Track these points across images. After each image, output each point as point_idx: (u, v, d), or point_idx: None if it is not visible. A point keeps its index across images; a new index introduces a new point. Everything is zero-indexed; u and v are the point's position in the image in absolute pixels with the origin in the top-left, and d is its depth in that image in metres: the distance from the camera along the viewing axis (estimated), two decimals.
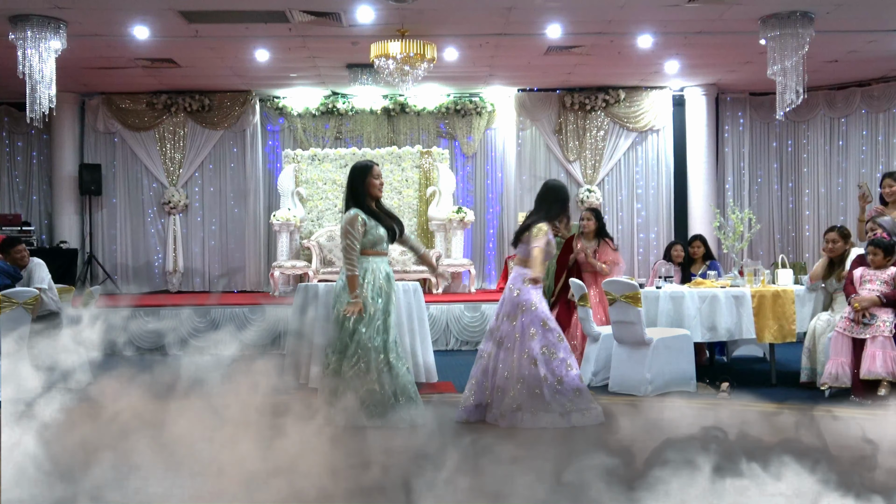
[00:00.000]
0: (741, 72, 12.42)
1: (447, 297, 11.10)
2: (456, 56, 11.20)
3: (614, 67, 12.25)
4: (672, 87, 13.60)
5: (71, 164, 13.36)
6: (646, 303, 7.20)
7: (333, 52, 11.14)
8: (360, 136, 13.68)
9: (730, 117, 13.97)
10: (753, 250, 13.60)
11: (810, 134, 13.80)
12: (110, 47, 10.68)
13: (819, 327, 7.03)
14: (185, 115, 13.51)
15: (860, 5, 9.35)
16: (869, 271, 6.70)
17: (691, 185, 13.56)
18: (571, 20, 9.91)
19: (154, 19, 9.65)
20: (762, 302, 7.23)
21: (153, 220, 13.69)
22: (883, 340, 6.33)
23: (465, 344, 10.26)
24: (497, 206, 13.93)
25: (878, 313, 6.45)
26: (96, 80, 12.49)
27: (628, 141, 13.80)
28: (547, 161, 13.81)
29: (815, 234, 13.55)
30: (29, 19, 9.20)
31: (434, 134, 13.76)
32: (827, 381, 6.56)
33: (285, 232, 12.04)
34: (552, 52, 11.23)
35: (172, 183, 13.55)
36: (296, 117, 13.68)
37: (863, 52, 11.36)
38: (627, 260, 13.88)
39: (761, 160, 14.08)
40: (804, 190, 13.87)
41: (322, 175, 12.50)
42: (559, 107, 13.69)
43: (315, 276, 11.35)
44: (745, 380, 7.54)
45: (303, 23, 9.72)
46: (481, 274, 13.69)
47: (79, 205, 13.43)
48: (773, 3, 9.27)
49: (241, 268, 13.65)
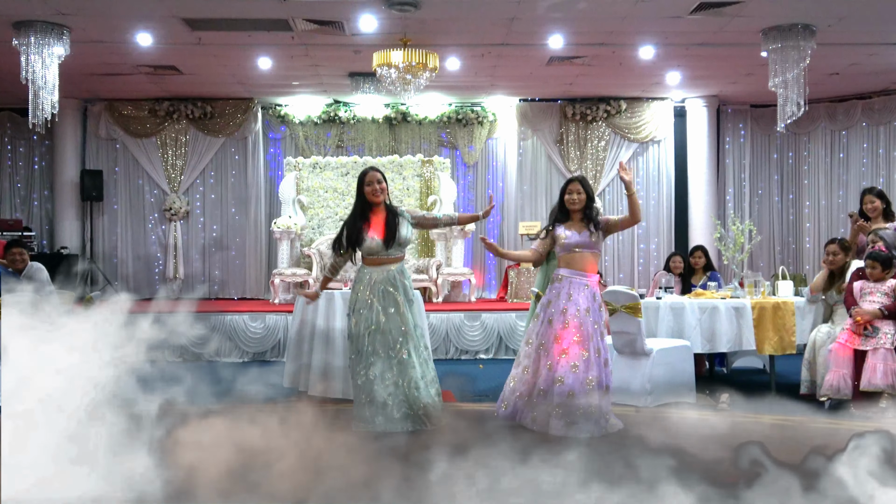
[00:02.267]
0: (742, 83, 12.45)
1: (447, 305, 11.09)
2: (458, 66, 11.23)
3: (616, 78, 12.27)
4: (673, 99, 13.63)
5: (72, 169, 13.38)
6: (646, 313, 7.20)
7: (336, 61, 11.17)
8: (362, 144, 13.70)
9: (731, 129, 13.99)
10: (754, 262, 13.61)
11: (811, 146, 13.82)
12: (113, 54, 10.70)
13: (819, 339, 7.04)
14: (188, 122, 13.53)
15: (862, 19, 9.37)
16: (869, 284, 6.71)
17: (692, 196, 13.58)
18: (573, 31, 9.94)
19: (157, 26, 9.68)
20: (762, 313, 7.23)
21: (154, 226, 13.70)
22: (884, 353, 6.34)
23: (464, 353, 10.25)
24: (498, 216, 13.93)
25: (880, 325, 6.46)
26: (99, 86, 12.52)
27: (629, 151, 13.81)
28: (548, 171, 13.83)
29: (815, 246, 13.56)
30: (32, 25, 9.22)
31: (435, 143, 13.78)
32: (827, 392, 6.56)
33: (286, 239, 12.04)
34: (554, 62, 11.25)
35: (174, 189, 13.56)
36: (297, 125, 13.70)
37: (864, 65, 11.38)
38: (627, 271, 13.90)
39: (762, 172, 14.10)
40: (805, 202, 13.88)
41: (323, 183, 12.51)
42: (560, 117, 13.72)
43: (315, 283, 11.35)
44: (745, 391, 7.53)
45: (305, 31, 9.75)
46: (482, 283, 13.69)
47: (80, 210, 13.44)
48: (775, 16, 9.30)
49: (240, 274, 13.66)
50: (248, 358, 10.13)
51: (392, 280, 5.79)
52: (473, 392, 7.81)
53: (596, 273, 5.95)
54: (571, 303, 5.76)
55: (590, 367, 5.65)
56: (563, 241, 5.91)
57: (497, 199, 13.93)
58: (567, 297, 5.79)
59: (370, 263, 5.83)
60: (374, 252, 5.80)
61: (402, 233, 5.82)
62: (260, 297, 13.47)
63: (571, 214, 5.98)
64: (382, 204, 5.89)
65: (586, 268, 5.87)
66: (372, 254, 5.81)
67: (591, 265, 5.90)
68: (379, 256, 5.81)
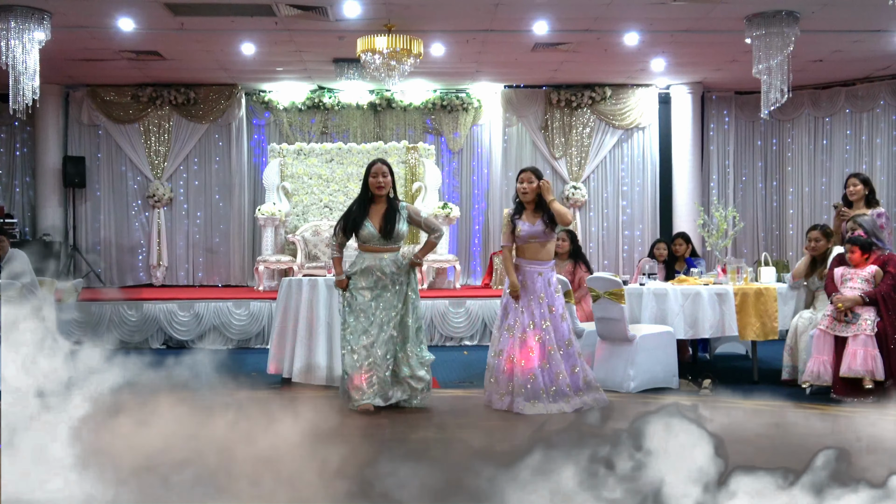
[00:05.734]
0: (727, 70, 12.47)
1: (432, 292, 11.10)
2: (442, 52, 11.19)
3: (601, 65, 12.27)
4: (658, 85, 13.64)
5: (55, 156, 13.27)
6: (629, 299, 7.23)
7: (320, 47, 11.11)
8: (347, 130, 13.65)
9: (715, 115, 14.02)
10: (737, 248, 13.69)
11: (795, 133, 13.87)
12: (95, 39, 10.61)
13: (801, 325, 7.09)
14: (171, 108, 13.44)
15: (846, 5, 9.39)
16: (849, 270, 6.75)
17: (676, 183, 13.61)
18: (558, 17, 9.92)
19: (139, 11, 9.59)
20: (745, 299, 7.28)
21: (137, 213, 13.61)
22: (864, 339, 6.38)
23: (449, 340, 10.27)
24: (483, 203, 13.93)
25: (861, 312, 6.50)
26: (81, 72, 12.41)
27: (614, 138, 13.83)
28: (533, 157, 13.81)
29: (798, 233, 13.62)
30: (13, 10, 9.11)
31: (420, 129, 13.75)
32: (808, 378, 6.61)
33: (270, 226, 11.99)
34: (539, 48, 11.24)
35: (157, 176, 13.48)
36: (282, 111, 13.64)
37: (848, 51, 11.42)
38: (612, 257, 13.93)
39: (746, 159, 14.14)
40: (788, 189, 13.94)
41: (307, 170, 12.46)
42: (545, 103, 13.71)
43: (300, 270, 11.32)
44: (727, 377, 7.59)
45: (289, 17, 9.69)
46: (466, 270, 13.70)
47: (62, 197, 13.34)
48: (759, 2, 9.30)
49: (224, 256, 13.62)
50: (232, 345, 10.12)
51: (383, 268, 6.13)
52: (457, 378, 7.84)
53: (551, 259, 6.28)
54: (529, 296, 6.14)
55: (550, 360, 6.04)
56: (520, 233, 6.19)
57: (482, 187, 13.93)
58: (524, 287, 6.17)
59: (366, 250, 6.21)
60: (370, 241, 6.17)
61: (398, 227, 6.17)
62: (244, 284, 13.43)
63: (525, 205, 6.26)
64: (385, 197, 6.23)
65: (540, 256, 6.21)
66: (367, 242, 6.18)
67: (545, 253, 6.23)
68: (374, 245, 6.17)
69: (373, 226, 6.16)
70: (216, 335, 10.14)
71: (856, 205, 7.49)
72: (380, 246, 6.17)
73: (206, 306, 10.19)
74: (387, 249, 6.18)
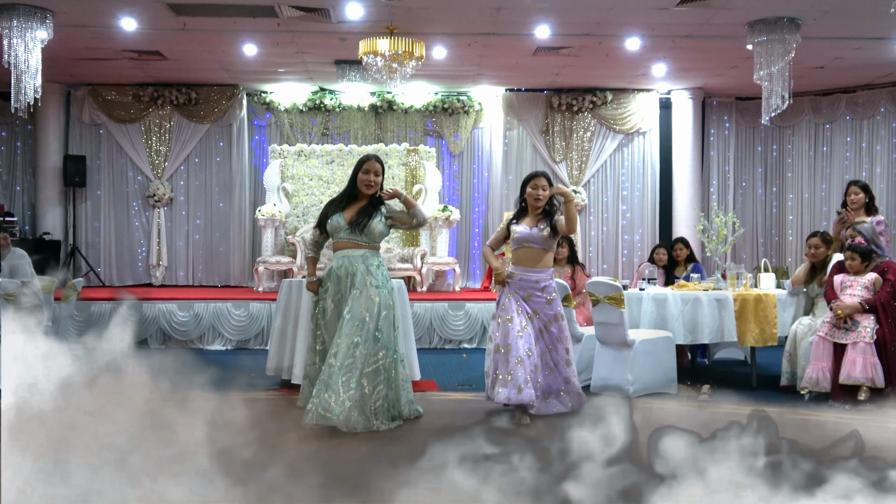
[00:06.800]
0: (728, 76, 12.48)
1: (431, 295, 11.10)
2: (444, 55, 11.20)
3: (602, 69, 12.28)
4: (659, 90, 13.65)
5: (55, 155, 13.27)
6: (629, 304, 7.23)
7: (321, 48, 11.12)
8: (347, 132, 13.66)
9: (716, 121, 14.03)
10: (737, 254, 13.70)
11: (795, 139, 13.89)
12: (97, 38, 10.61)
13: (800, 331, 7.10)
14: (172, 108, 13.44)
15: (847, 12, 9.41)
16: (849, 277, 6.76)
17: (676, 188, 13.62)
18: (560, 21, 9.93)
19: (142, 11, 9.60)
20: (744, 305, 7.28)
21: (138, 212, 13.61)
22: (864, 346, 6.38)
23: (448, 342, 10.27)
24: (483, 206, 13.94)
25: (860, 319, 6.51)
26: (82, 71, 12.42)
27: (614, 143, 13.84)
28: (533, 161, 13.82)
29: (798, 239, 13.64)
30: (15, 9, 9.13)
31: (421, 132, 13.76)
32: (807, 385, 6.61)
33: (270, 227, 12.00)
34: (540, 52, 11.25)
35: (157, 176, 13.48)
36: (283, 112, 13.64)
37: (849, 59, 11.43)
38: (612, 262, 13.94)
39: (746, 164, 14.16)
40: (788, 195, 13.96)
41: (308, 171, 12.48)
42: (546, 107, 13.72)
43: (300, 271, 11.33)
44: (726, 383, 7.59)
45: (291, 18, 9.70)
46: (466, 273, 13.71)
47: (63, 196, 13.34)
48: (761, 9, 9.32)
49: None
50: (231, 346, 10.12)
51: (349, 268, 5.54)
52: (457, 381, 7.84)
53: (549, 268, 5.88)
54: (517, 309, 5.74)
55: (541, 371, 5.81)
56: (514, 235, 5.85)
57: (482, 190, 13.94)
58: (514, 299, 5.77)
59: (335, 248, 5.67)
60: (337, 231, 5.60)
61: (371, 222, 5.56)
62: (244, 284, 13.43)
63: (531, 211, 5.87)
64: (370, 196, 5.67)
65: (535, 264, 5.81)
66: (335, 233, 5.62)
67: (541, 261, 5.83)
68: (341, 239, 5.61)
69: (342, 217, 5.59)
70: (215, 335, 10.14)
71: (856, 213, 7.52)
72: (348, 239, 5.57)
73: (206, 306, 10.19)
74: (355, 245, 5.55)
